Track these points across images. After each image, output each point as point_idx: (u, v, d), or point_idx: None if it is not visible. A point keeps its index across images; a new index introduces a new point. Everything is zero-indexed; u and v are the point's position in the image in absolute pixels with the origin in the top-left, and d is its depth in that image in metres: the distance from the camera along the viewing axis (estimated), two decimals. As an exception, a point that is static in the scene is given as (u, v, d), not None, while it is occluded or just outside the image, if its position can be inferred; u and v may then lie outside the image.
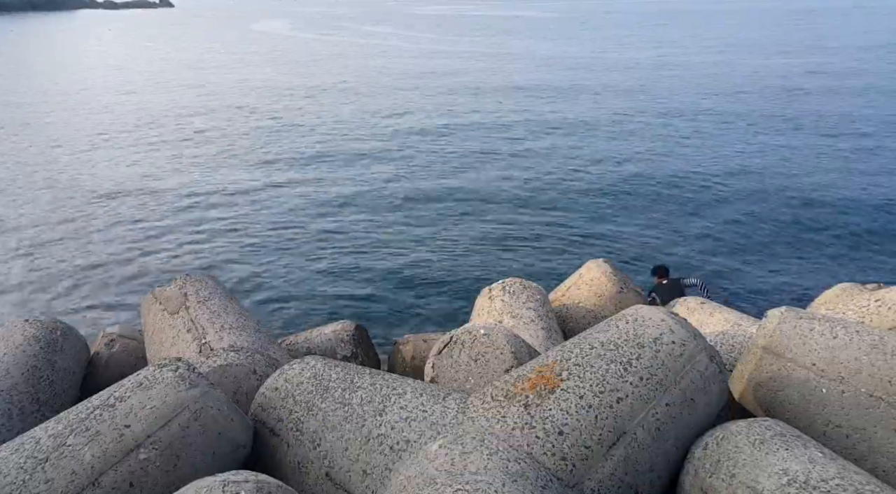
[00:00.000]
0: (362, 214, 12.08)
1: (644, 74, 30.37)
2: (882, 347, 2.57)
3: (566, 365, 2.45)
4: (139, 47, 51.85)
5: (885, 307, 3.60)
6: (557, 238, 10.81)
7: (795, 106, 22.00)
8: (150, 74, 34.25)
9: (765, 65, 32.57)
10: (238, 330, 3.79)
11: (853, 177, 13.74)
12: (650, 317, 2.63)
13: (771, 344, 2.81)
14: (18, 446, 2.33)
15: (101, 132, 19.94)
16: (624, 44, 46.77)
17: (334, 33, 63.94)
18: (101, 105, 24.97)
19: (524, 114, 21.54)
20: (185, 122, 21.27)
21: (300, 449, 2.59)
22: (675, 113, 21.36)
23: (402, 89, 27.57)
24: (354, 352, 4.72)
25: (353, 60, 39.42)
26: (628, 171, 14.61)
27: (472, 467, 1.88)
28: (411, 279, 9.31)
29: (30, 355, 3.75)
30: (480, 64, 36.00)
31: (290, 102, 24.80)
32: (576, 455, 2.16)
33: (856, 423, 2.48)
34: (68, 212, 12.33)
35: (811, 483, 1.94)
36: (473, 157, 16.13)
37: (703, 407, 2.47)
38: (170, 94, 27.28)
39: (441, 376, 3.13)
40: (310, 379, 2.80)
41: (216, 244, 10.75)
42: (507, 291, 5.08)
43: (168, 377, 2.52)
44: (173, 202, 12.91)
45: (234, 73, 34.29)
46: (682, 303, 5.35)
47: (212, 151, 17.22)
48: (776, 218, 11.45)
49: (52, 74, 34.32)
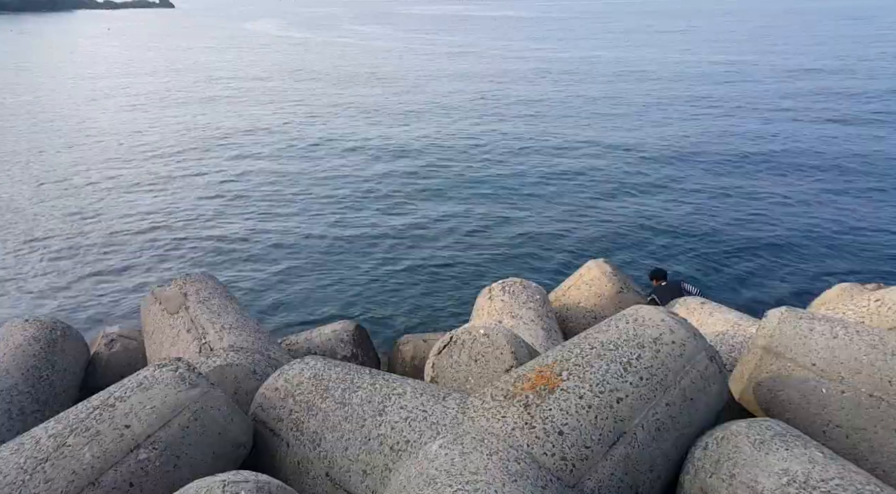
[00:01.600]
0: (362, 214, 12.08)
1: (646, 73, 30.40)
2: (882, 347, 2.57)
3: (566, 365, 2.45)
4: (137, 48, 51.87)
5: (885, 307, 3.60)
6: (558, 238, 10.81)
7: (794, 102, 22.01)
8: (149, 75, 34.25)
9: (758, 61, 32.61)
10: (238, 330, 3.79)
11: (853, 177, 13.75)
12: (650, 317, 2.63)
13: (771, 344, 2.81)
14: (18, 446, 2.33)
15: (101, 132, 19.94)
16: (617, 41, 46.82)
17: (313, 32, 64.39)
18: (102, 106, 24.98)
19: (524, 112, 21.56)
20: (185, 123, 21.27)
21: (300, 449, 2.59)
22: (674, 111, 21.36)
23: (407, 89, 27.59)
24: (354, 352, 4.72)
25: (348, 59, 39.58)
26: (628, 171, 14.61)
27: (472, 467, 1.88)
28: (411, 279, 9.31)
29: (30, 355, 3.75)
30: (471, 60, 36.06)
31: (285, 102, 24.82)
32: (576, 455, 2.16)
33: (856, 423, 2.48)
34: (68, 212, 12.33)
35: (811, 483, 1.94)
36: (474, 157, 16.14)
37: (703, 407, 2.47)
38: (168, 93, 27.28)
39: (441, 376, 3.13)
40: (310, 378, 2.80)
41: (216, 244, 10.74)
42: (507, 291, 5.08)
43: (168, 377, 2.53)
44: (173, 202, 12.91)
45: (235, 72, 34.34)
46: (682, 303, 5.35)
47: (211, 152, 17.23)
48: (776, 217, 11.45)
49: (52, 75, 34.32)
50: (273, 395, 2.80)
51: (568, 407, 2.27)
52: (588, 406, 2.27)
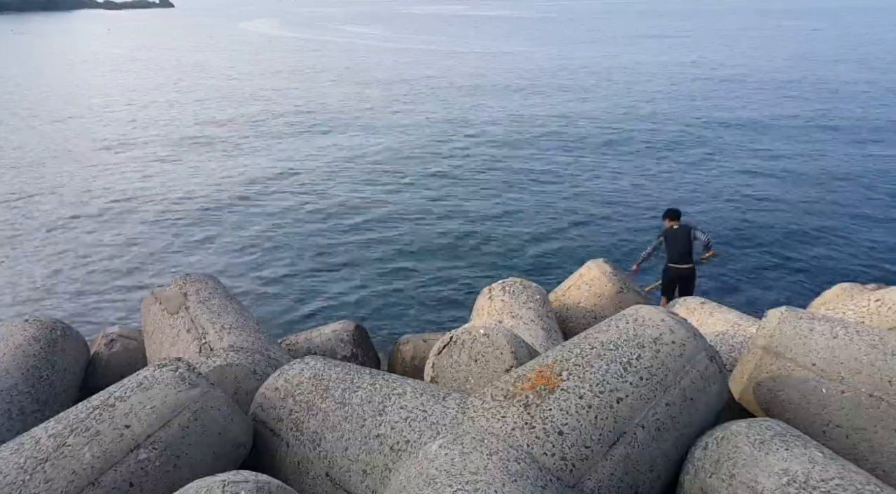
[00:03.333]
0: (361, 214, 12.08)
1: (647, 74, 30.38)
2: (882, 347, 2.57)
3: (566, 365, 2.45)
4: (135, 48, 51.88)
5: (885, 307, 3.60)
6: (557, 238, 10.81)
7: (798, 108, 22.00)
8: (145, 76, 34.25)
9: (760, 66, 32.59)
10: (238, 330, 3.79)
11: (853, 177, 13.75)
12: (650, 317, 2.63)
13: (771, 344, 2.81)
14: (18, 446, 2.32)
15: (100, 132, 19.94)
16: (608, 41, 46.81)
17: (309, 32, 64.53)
18: (101, 107, 24.97)
19: (523, 111, 21.55)
20: (183, 123, 21.27)
21: (300, 449, 2.59)
22: (674, 111, 21.35)
23: (414, 89, 27.59)
24: (354, 352, 4.72)
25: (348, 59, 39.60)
26: (628, 172, 14.61)
27: (472, 467, 1.88)
28: (411, 279, 9.31)
29: (30, 355, 3.75)
30: (454, 59, 36.05)
31: (285, 99, 24.82)
32: (576, 455, 2.16)
33: (856, 423, 2.48)
34: (68, 212, 12.34)
35: (811, 483, 1.94)
36: (474, 156, 16.13)
37: (703, 407, 2.47)
38: (167, 96, 27.27)
39: (441, 376, 3.13)
40: (310, 378, 2.80)
41: (216, 244, 10.75)
42: (507, 291, 5.08)
43: (168, 377, 2.52)
44: (173, 202, 12.91)
45: (233, 72, 34.32)
46: (682, 303, 5.35)
47: (210, 152, 17.22)
48: (776, 217, 11.45)
49: (51, 74, 34.31)
50: (273, 395, 2.80)
51: (568, 407, 2.27)
52: (588, 406, 2.27)
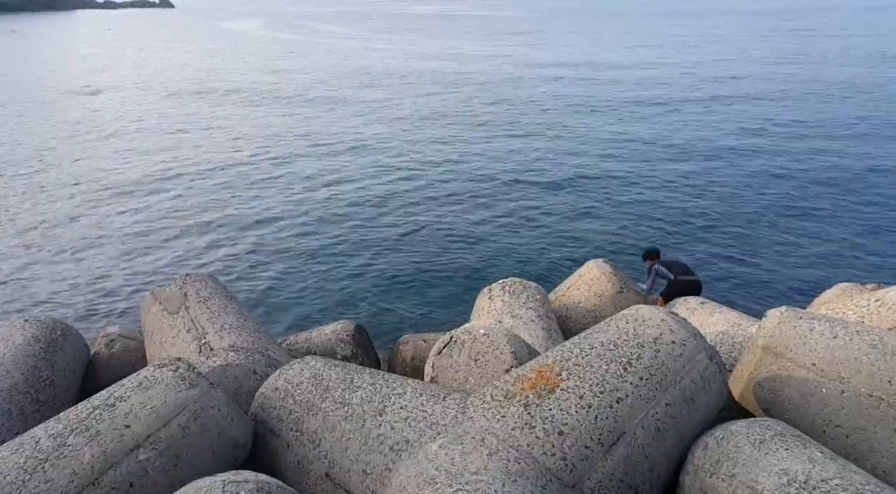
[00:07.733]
0: (361, 214, 12.08)
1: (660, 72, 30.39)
2: (882, 347, 2.57)
3: (566, 365, 2.45)
4: (138, 49, 51.94)
5: (885, 307, 3.60)
6: (558, 238, 10.80)
7: (798, 108, 22.00)
8: (145, 76, 34.25)
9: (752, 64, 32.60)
10: (238, 330, 3.79)
11: (853, 177, 13.74)
12: (650, 317, 2.63)
13: (771, 344, 2.81)
14: (18, 446, 2.32)
15: (100, 132, 19.93)
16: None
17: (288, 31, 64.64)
18: (101, 106, 24.97)
19: (523, 110, 21.56)
20: (183, 123, 21.26)
21: (300, 449, 2.59)
22: (673, 111, 21.35)
23: (423, 92, 27.59)
24: (354, 352, 4.72)
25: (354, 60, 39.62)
26: (628, 172, 14.61)
27: (472, 467, 1.88)
28: (411, 279, 9.30)
29: (30, 355, 3.75)
30: (444, 60, 36.07)
31: (286, 100, 24.83)
32: (576, 455, 2.16)
33: (856, 423, 2.48)
34: (68, 212, 12.33)
35: (811, 482, 1.94)
36: (474, 158, 16.13)
37: (703, 407, 2.47)
38: (169, 97, 27.28)
39: (441, 376, 3.13)
40: (310, 379, 2.80)
41: (216, 244, 10.74)
42: (506, 291, 5.08)
43: (168, 377, 2.52)
44: (173, 202, 12.91)
45: (239, 73, 34.32)
46: (682, 303, 5.35)
47: (210, 152, 17.22)
48: (776, 217, 11.45)
49: (50, 75, 34.31)
50: (273, 395, 2.80)
51: (568, 407, 2.27)
52: (588, 406, 2.27)
